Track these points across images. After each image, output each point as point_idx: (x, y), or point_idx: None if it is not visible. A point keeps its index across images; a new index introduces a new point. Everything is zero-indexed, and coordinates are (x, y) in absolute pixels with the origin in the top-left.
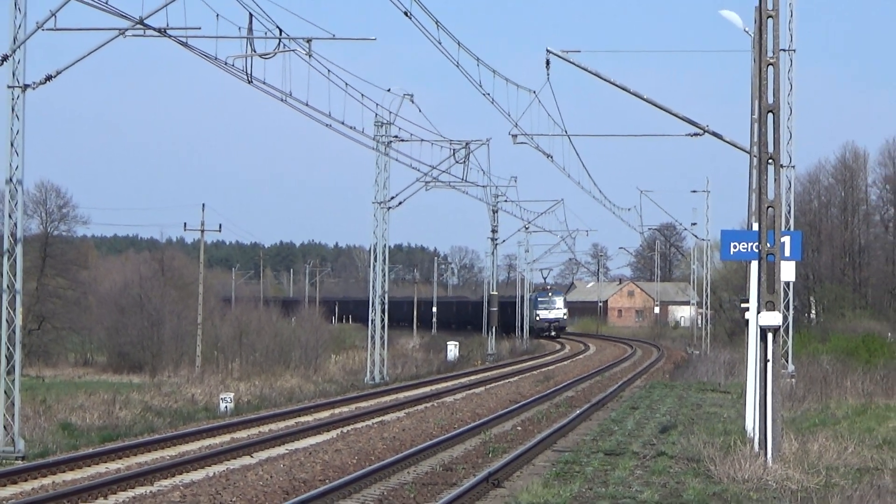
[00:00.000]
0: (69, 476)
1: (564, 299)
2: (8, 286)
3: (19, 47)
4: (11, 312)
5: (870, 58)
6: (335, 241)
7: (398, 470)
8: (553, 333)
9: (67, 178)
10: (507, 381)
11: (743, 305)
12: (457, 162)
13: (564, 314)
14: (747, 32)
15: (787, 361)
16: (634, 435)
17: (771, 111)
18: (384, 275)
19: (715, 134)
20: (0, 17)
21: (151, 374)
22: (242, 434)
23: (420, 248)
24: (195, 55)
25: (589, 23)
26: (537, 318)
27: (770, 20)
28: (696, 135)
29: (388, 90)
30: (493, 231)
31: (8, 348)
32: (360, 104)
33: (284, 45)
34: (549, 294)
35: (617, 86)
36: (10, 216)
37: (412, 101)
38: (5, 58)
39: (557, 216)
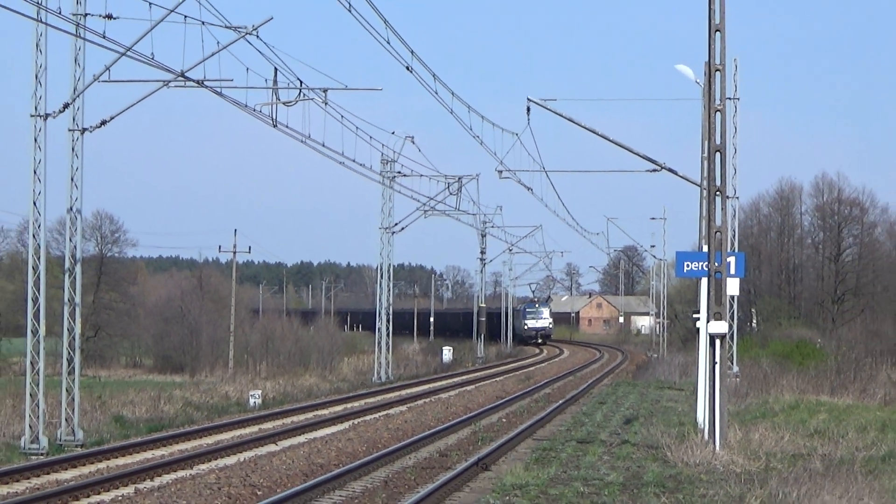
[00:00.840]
0: (121, 461)
1: (550, 310)
2: (69, 300)
3: (79, 96)
4: (72, 322)
5: (804, 105)
6: (347, 261)
7: (401, 456)
8: (540, 341)
9: (120, 207)
10: (493, 380)
11: (695, 316)
12: (451, 194)
13: (550, 323)
14: (698, 83)
15: (732, 363)
16: (602, 426)
17: (718, 150)
18: (389, 290)
19: (670, 170)
20: (62, 70)
21: (191, 374)
22: (268, 425)
23: (419, 267)
24: (228, 103)
25: (564, 74)
26: (525, 327)
27: (717, 73)
28: (654, 170)
29: (393, 133)
30: (482, 252)
31: (69, 352)
32: (369, 144)
33: (304, 94)
34: (537, 305)
35: (587, 129)
36: (70, 240)
37: (413, 142)
38: (66, 105)
39: (536, 240)
